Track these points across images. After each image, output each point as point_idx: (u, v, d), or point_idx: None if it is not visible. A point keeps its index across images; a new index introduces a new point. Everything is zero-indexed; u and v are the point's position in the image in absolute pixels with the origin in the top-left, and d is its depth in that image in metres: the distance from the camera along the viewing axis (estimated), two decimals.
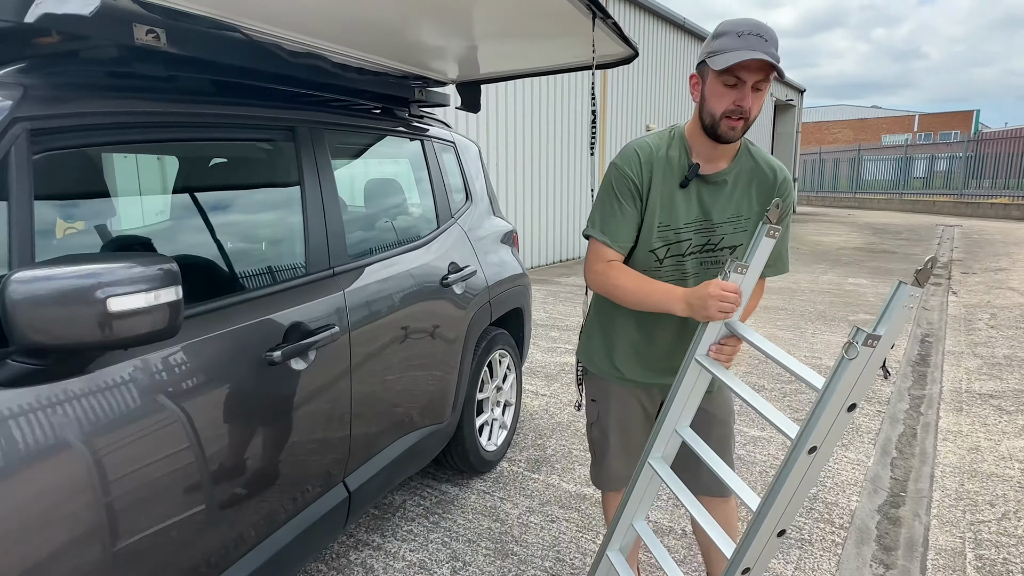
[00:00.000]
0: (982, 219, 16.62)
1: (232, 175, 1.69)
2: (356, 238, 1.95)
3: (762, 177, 1.51)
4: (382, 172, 2.38)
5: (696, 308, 1.35)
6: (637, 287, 1.46)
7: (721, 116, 1.36)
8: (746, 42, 1.29)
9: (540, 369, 4.34)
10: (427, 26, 1.87)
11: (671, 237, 1.50)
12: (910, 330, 5.41)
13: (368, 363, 1.83)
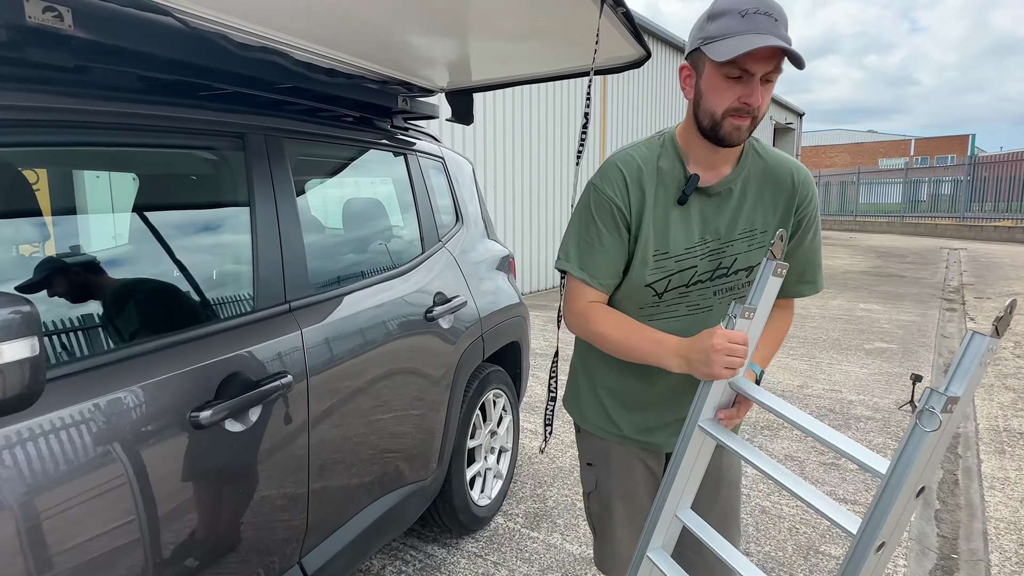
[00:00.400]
0: (986, 242, 16.41)
1: (160, 189, 1.39)
2: (321, 266, 1.65)
3: (777, 179, 1.23)
4: (358, 190, 2.10)
5: (696, 364, 1.09)
6: (624, 337, 1.20)
7: (723, 115, 1.09)
8: (752, 23, 1.02)
9: (538, 405, 4.01)
10: (411, 24, 1.59)
11: (671, 267, 1.21)
12: (932, 359, 5.09)
13: (332, 417, 1.52)
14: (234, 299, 1.37)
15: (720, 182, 1.20)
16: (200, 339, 1.23)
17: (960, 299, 7.91)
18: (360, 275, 1.80)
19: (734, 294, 1.24)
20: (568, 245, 1.27)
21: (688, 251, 1.21)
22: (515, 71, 2.10)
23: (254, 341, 1.33)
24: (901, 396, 4.15)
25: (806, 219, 1.25)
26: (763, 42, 0.99)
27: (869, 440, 3.43)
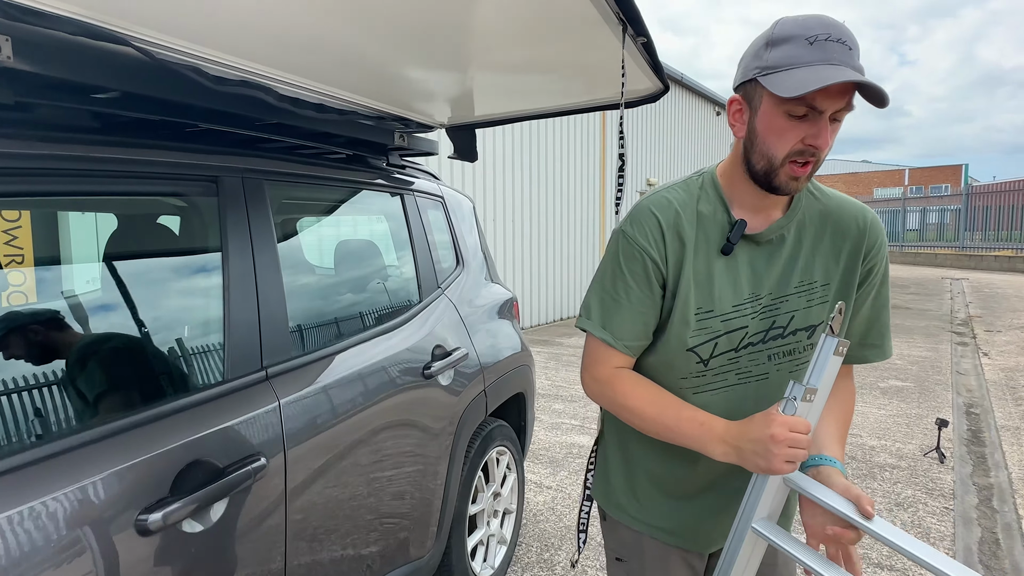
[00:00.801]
0: (987, 272, 16.32)
1: (116, 242, 1.21)
2: (305, 323, 1.46)
3: (839, 223, 1.05)
4: (349, 235, 1.92)
5: (749, 455, 0.92)
6: (657, 414, 1.02)
7: (783, 160, 0.92)
8: (823, 52, 0.86)
9: (543, 452, 3.78)
10: (411, 57, 1.44)
11: (717, 327, 1.02)
12: (951, 399, 4.88)
13: (314, 502, 1.31)
14: (198, 369, 1.18)
15: (770, 228, 1.02)
16: (152, 422, 1.03)
17: (970, 332, 7.73)
18: (350, 331, 1.61)
19: (793, 360, 1.04)
20: (590, 300, 1.10)
21: (736, 308, 1.02)
22: (522, 105, 1.95)
23: (220, 419, 1.13)
24: (925, 441, 3.93)
25: (875, 271, 1.06)
26: (841, 76, 0.82)
27: (897, 493, 3.20)
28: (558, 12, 1.14)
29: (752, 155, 0.96)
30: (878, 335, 1.10)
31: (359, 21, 1.19)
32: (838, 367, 0.93)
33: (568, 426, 4.28)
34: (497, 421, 2.31)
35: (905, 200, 22.39)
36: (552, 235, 8.88)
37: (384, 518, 1.57)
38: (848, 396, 1.11)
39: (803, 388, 0.90)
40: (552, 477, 3.41)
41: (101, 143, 1.10)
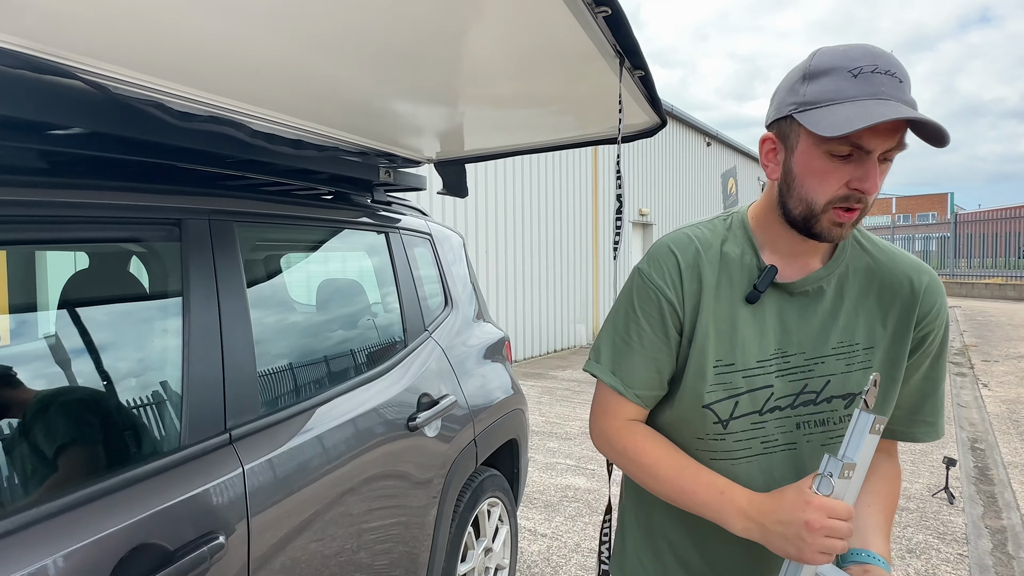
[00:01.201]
0: (978, 299, 16.37)
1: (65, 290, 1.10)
2: (277, 377, 1.34)
3: (889, 281, 0.92)
4: (329, 278, 1.81)
5: (775, 538, 0.80)
6: (672, 475, 0.91)
7: (827, 206, 0.82)
8: (870, 85, 0.76)
9: (537, 496, 3.62)
10: (398, 92, 1.36)
11: (738, 384, 0.91)
12: (955, 433, 4.77)
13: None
14: (151, 434, 1.06)
15: (807, 278, 0.91)
16: (90, 501, 0.90)
17: (968, 362, 7.65)
18: (328, 383, 1.49)
19: (827, 431, 0.91)
20: (601, 342, 1.00)
21: (761, 365, 0.90)
22: (514, 140, 1.87)
23: (173, 493, 1.00)
24: (932, 480, 3.80)
25: (931, 339, 0.92)
26: (894, 113, 0.72)
27: (909, 538, 3.06)
28: (554, 46, 1.06)
29: (789, 199, 0.86)
30: (932, 412, 0.96)
31: (342, 55, 1.10)
32: (875, 446, 0.81)
33: (563, 466, 4.12)
34: (488, 470, 2.17)
35: (894, 228, 22.62)
36: (545, 267, 8.80)
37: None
38: (894, 477, 0.97)
39: (840, 463, 0.79)
40: (547, 523, 3.25)
41: (47, 186, 0.99)
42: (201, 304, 1.16)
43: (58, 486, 0.90)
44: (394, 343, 1.80)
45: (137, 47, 0.98)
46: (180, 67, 1.09)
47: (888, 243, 0.97)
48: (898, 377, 0.90)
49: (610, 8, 0.92)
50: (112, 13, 0.85)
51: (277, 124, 1.46)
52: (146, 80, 1.10)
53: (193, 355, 1.12)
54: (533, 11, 0.92)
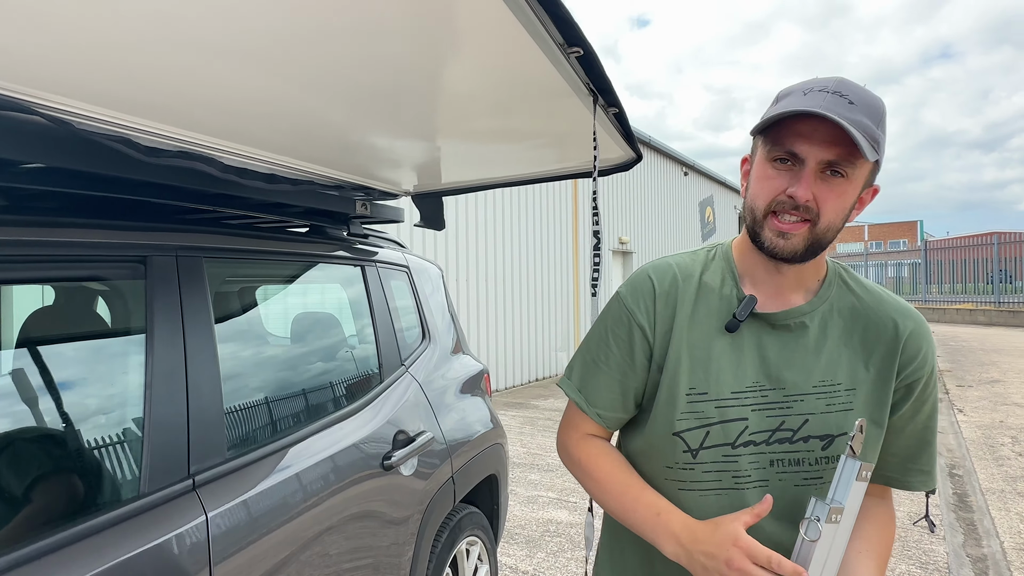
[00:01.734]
0: (950, 324, 16.73)
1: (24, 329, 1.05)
2: (245, 417, 1.30)
3: (873, 322, 0.91)
4: (303, 313, 1.77)
5: (698, 567, 0.82)
6: (618, 492, 0.94)
7: (765, 212, 0.84)
8: (813, 99, 0.79)
9: (519, 531, 3.54)
10: (375, 126, 1.36)
11: (710, 414, 0.89)
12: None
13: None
14: (111, 482, 1.01)
15: (790, 311, 0.90)
16: (45, 554, 0.85)
17: (943, 388, 7.76)
18: (299, 421, 1.45)
19: (800, 471, 0.89)
20: (575, 361, 1.03)
21: (736, 396, 0.89)
22: (491, 173, 1.87)
23: (129, 546, 0.95)
24: (912, 508, 3.80)
25: (919, 386, 0.90)
26: (798, 106, 0.77)
27: (892, 568, 3.04)
28: (529, 84, 1.07)
29: (745, 211, 0.90)
30: (928, 460, 0.94)
31: (317, 91, 1.09)
32: (862, 493, 0.80)
33: (545, 499, 4.05)
34: (467, 508, 2.12)
35: (867, 255, 23.14)
36: (526, 295, 8.81)
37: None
38: (887, 523, 0.94)
39: (827, 507, 0.77)
40: (528, 560, 3.17)
41: (5, 223, 0.96)
42: (165, 343, 1.12)
43: (8, 538, 0.85)
44: (369, 378, 1.76)
45: (104, 83, 0.96)
46: (148, 103, 1.07)
47: (875, 285, 0.97)
48: (882, 422, 0.89)
49: (582, 48, 0.93)
50: (75, 49, 0.83)
51: (250, 159, 1.45)
52: (113, 116, 1.08)
53: (156, 397, 1.07)
54: (507, 51, 0.93)
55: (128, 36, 0.80)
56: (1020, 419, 5.99)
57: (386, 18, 0.83)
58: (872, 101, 0.80)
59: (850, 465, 0.78)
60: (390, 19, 0.83)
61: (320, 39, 0.87)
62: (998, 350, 11.07)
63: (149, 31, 0.79)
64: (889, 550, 0.93)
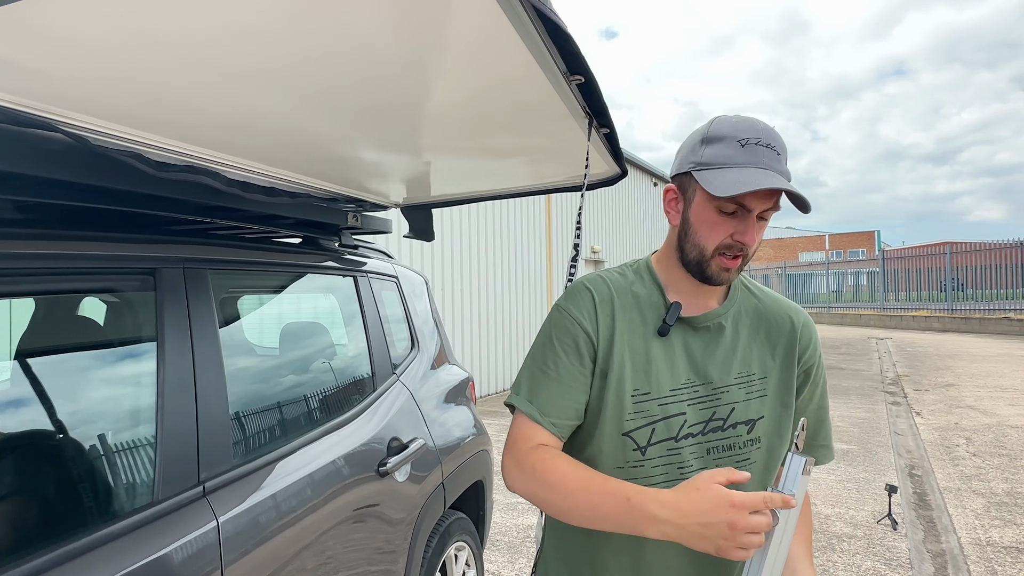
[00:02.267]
0: (907, 331, 17.36)
1: (35, 339, 1.07)
2: (250, 425, 1.33)
3: (774, 322, 1.05)
4: (299, 323, 1.80)
5: (694, 537, 0.81)
6: (580, 490, 0.89)
7: (713, 253, 0.95)
8: (753, 155, 0.90)
9: (499, 537, 3.58)
10: (371, 142, 1.41)
11: (654, 412, 0.97)
12: (893, 461, 5.01)
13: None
14: (126, 489, 1.03)
15: (708, 314, 1.01)
16: (56, 565, 0.87)
17: (901, 392, 8.08)
18: (300, 429, 1.48)
19: (733, 455, 0.99)
20: (521, 376, 1.03)
21: (674, 393, 0.98)
22: (481, 187, 1.94)
23: (146, 551, 0.98)
24: (876, 507, 3.97)
25: (813, 370, 1.06)
26: (769, 183, 0.86)
27: (858, 565, 3.18)
28: (528, 107, 1.13)
29: (685, 244, 0.98)
30: (825, 436, 1.09)
31: (318, 109, 1.14)
32: (807, 484, 0.88)
33: (525, 506, 4.09)
34: (456, 514, 2.16)
35: (828, 264, 23.87)
36: (502, 306, 8.87)
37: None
38: (807, 508, 1.07)
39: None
40: (510, 566, 3.21)
41: (17, 236, 0.98)
42: (176, 354, 1.15)
43: (30, 545, 0.86)
44: (363, 387, 1.80)
45: (114, 100, 0.99)
46: (156, 119, 1.10)
47: (768, 289, 1.11)
48: (790, 404, 1.02)
49: (584, 76, 1.00)
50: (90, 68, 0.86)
51: (249, 172, 1.48)
52: (124, 131, 1.11)
53: (167, 406, 1.10)
54: (514, 77, 1.00)
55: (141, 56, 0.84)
56: (973, 421, 6.28)
57: (398, 45, 0.88)
58: (783, 143, 0.93)
59: (796, 461, 0.86)
60: (403, 46, 0.89)
61: (326, 61, 0.92)
62: (952, 355, 11.56)
63: (159, 51, 0.82)
64: (811, 529, 1.05)
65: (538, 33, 0.86)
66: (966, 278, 18.72)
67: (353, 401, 1.72)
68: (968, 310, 17.27)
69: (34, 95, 0.93)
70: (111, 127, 1.08)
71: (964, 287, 18.79)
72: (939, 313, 17.68)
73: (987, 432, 5.80)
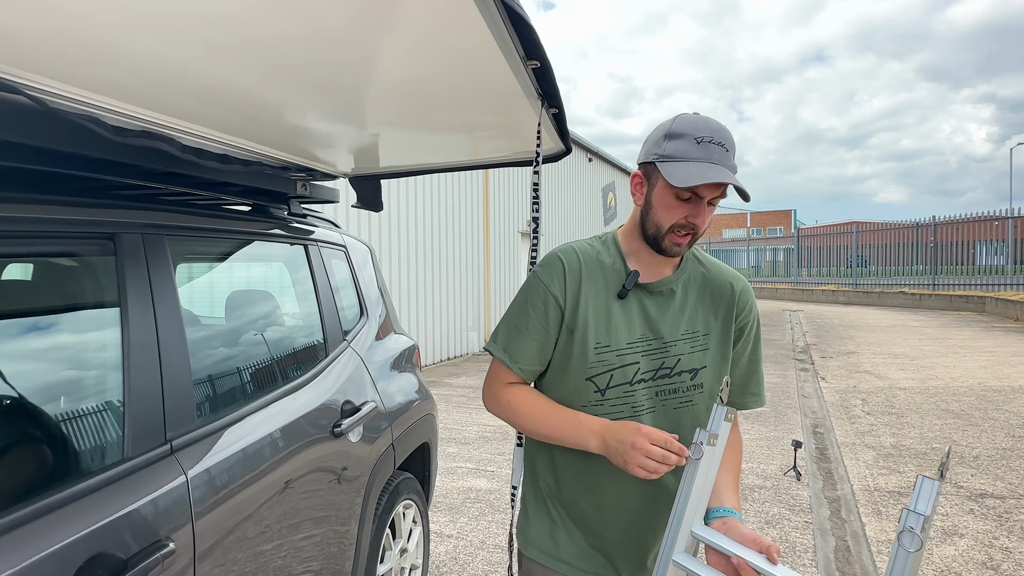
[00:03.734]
0: (817, 304, 18.71)
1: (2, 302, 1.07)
2: (210, 387, 1.36)
3: (717, 287, 1.26)
4: (252, 290, 1.82)
5: (613, 452, 1.09)
6: (543, 417, 1.19)
7: (668, 231, 1.14)
8: (707, 152, 1.08)
9: (441, 500, 3.71)
10: (321, 110, 1.44)
11: (613, 361, 1.18)
12: (800, 420, 5.51)
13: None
14: (98, 447, 1.06)
15: (662, 281, 1.21)
16: (44, 514, 0.91)
17: (809, 359, 8.78)
18: (258, 391, 1.52)
19: (677, 397, 1.20)
20: (499, 328, 1.26)
21: (630, 346, 1.19)
22: (431, 159, 1.99)
23: (125, 501, 1.02)
24: (783, 461, 4.38)
25: (748, 328, 1.26)
26: (719, 177, 1.05)
27: (766, 512, 3.53)
28: (486, 85, 1.21)
29: (646, 221, 1.17)
30: (756, 385, 1.30)
31: (268, 74, 1.17)
32: (728, 431, 1.08)
33: (464, 470, 4.24)
34: (404, 474, 2.26)
35: (749, 240, 25.17)
36: (438, 278, 8.89)
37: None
38: (737, 446, 1.27)
39: (707, 434, 1.04)
40: (452, 525, 3.36)
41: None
42: (139, 319, 1.17)
43: (18, 499, 0.90)
44: (316, 352, 1.85)
45: (72, 63, 0.99)
46: (114, 82, 1.11)
47: (714, 258, 1.31)
48: (727, 356, 1.23)
49: (540, 62, 1.09)
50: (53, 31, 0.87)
51: (202, 138, 1.48)
52: (81, 94, 1.11)
53: (133, 367, 1.13)
54: (477, 59, 1.07)
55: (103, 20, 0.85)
56: (869, 384, 6.95)
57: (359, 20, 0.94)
58: (733, 141, 1.11)
59: (720, 410, 1.06)
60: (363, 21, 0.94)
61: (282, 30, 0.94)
62: (855, 326, 12.60)
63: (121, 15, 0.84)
64: (740, 465, 1.26)
65: (502, 20, 0.94)
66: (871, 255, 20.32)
67: (307, 366, 1.77)
68: (870, 285, 18.79)
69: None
70: (69, 89, 1.07)
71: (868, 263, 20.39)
72: (845, 288, 19.13)
73: (880, 394, 6.45)
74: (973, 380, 6.90)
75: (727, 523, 1.07)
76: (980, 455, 4.41)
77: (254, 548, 1.32)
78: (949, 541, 3.12)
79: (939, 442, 4.73)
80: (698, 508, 1.06)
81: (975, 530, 3.24)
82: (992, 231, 16.11)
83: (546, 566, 1.23)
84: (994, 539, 3.13)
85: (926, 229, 17.29)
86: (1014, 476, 3.99)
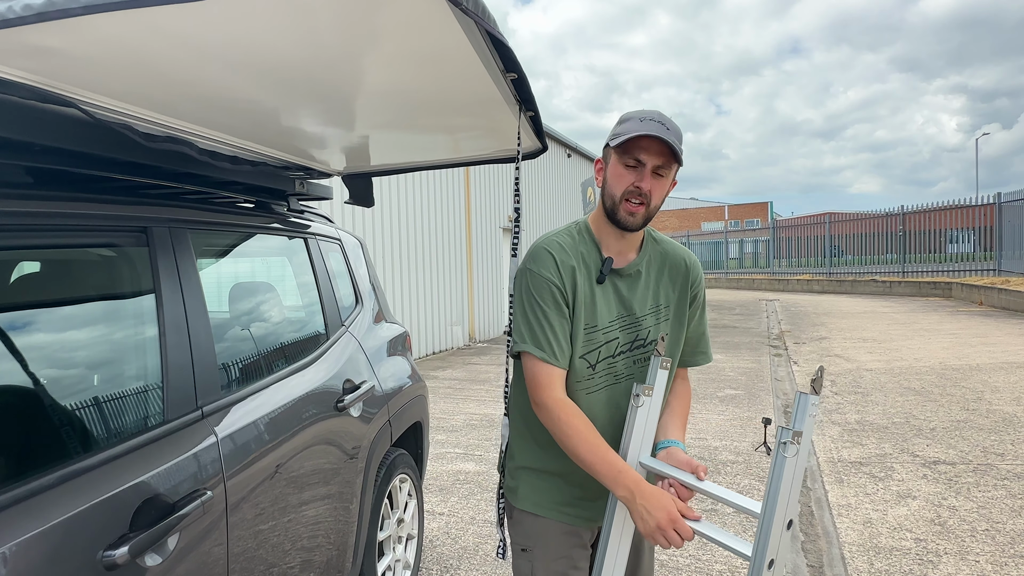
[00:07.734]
0: (792, 293, 19.18)
1: (52, 291, 1.23)
2: (231, 363, 1.53)
3: (673, 263, 1.46)
4: (261, 278, 1.99)
5: (636, 515, 1.16)
6: (587, 450, 1.22)
7: (621, 199, 1.30)
8: (646, 126, 1.26)
9: (432, 481, 3.89)
10: (318, 117, 1.61)
11: (599, 339, 1.37)
12: (772, 401, 5.78)
13: (251, 530, 1.38)
14: (143, 412, 1.23)
15: (630, 265, 1.40)
16: (107, 463, 1.08)
17: (783, 345, 9.10)
18: (269, 368, 1.69)
19: (649, 363, 1.39)
20: (520, 329, 1.33)
21: (611, 324, 1.37)
22: (418, 158, 2.17)
23: (168, 457, 1.19)
24: (755, 438, 4.64)
25: (699, 296, 1.48)
26: (642, 130, 1.23)
27: (737, 483, 3.77)
28: (469, 93, 1.39)
29: (605, 197, 1.36)
30: (704, 345, 1.52)
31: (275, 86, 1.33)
32: (665, 377, 1.32)
33: (453, 455, 4.43)
34: (399, 450, 2.44)
35: (727, 233, 25.62)
36: (423, 274, 9.04)
37: (311, 541, 1.65)
38: (685, 393, 1.49)
39: (642, 386, 1.28)
40: (443, 504, 3.55)
41: (33, 197, 1.14)
42: (171, 301, 1.34)
43: (84, 452, 1.07)
44: (319, 335, 2.02)
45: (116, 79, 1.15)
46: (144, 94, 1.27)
47: (669, 238, 1.51)
48: (683, 321, 1.44)
49: (517, 75, 1.27)
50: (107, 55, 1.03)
51: (214, 142, 1.64)
52: (112, 104, 1.27)
53: (168, 343, 1.30)
54: (460, 71, 1.25)
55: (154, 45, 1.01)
56: (838, 367, 7.27)
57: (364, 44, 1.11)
58: (676, 127, 1.30)
59: (656, 360, 1.30)
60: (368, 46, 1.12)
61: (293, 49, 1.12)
62: (827, 313, 13.00)
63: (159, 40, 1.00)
64: (687, 409, 1.46)
65: (484, 43, 1.13)
66: (844, 245, 20.83)
67: (311, 347, 1.94)
68: (843, 273, 19.29)
69: (50, 74, 1.08)
70: (110, 102, 1.23)
71: (842, 253, 20.90)
72: (819, 277, 19.62)
73: (848, 375, 6.76)
74: (935, 360, 7.25)
75: (669, 452, 1.29)
76: (936, 427, 4.71)
77: (274, 506, 1.49)
78: (903, 503, 3.39)
79: (899, 417, 5.03)
80: (643, 444, 1.29)
81: (927, 492, 3.51)
82: (959, 219, 16.67)
83: (536, 514, 1.40)
84: (943, 499, 3.41)
85: (895, 219, 17.81)
86: (965, 444, 4.29)
